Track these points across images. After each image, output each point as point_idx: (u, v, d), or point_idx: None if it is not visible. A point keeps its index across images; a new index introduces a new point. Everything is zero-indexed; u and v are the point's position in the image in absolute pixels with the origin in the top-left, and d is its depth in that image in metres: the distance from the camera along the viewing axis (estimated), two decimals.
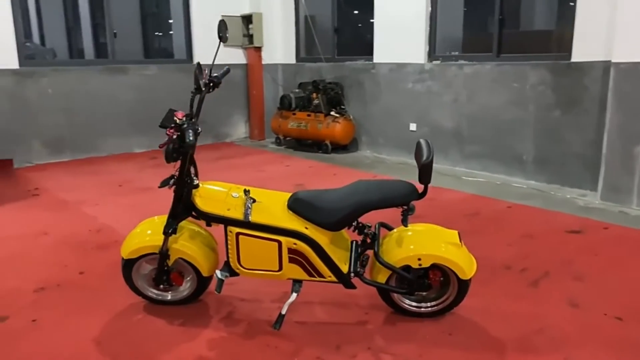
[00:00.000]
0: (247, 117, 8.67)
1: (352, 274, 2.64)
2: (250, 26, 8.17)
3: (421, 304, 2.76)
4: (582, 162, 5.19)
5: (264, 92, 8.45)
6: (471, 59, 6.13)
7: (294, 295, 2.63)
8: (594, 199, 4.93)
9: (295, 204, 2.57)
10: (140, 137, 7.43)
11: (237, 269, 2.64)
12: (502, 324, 2.72)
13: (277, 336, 2.61)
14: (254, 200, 2.59)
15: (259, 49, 8.28)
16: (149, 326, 2.71)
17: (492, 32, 5.93)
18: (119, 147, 7.34)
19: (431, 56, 6.49)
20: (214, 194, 2.62)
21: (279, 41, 8.41)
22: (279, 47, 8.44)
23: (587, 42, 4.99)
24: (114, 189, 5.52)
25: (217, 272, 2.66)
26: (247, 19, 8.20)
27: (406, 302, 2.75)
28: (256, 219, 2.53)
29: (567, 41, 5.19)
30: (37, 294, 3.08)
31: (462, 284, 2.64)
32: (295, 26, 8.40)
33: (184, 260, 2.74)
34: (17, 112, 6.50)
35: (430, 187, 2.61)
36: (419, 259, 2.56)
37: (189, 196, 2.61)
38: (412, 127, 6.78)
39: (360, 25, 7.95)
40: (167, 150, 2.40)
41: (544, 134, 5.46)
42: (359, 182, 2.68)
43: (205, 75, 2.65)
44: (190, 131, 2.33)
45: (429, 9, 6.37)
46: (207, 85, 2.64)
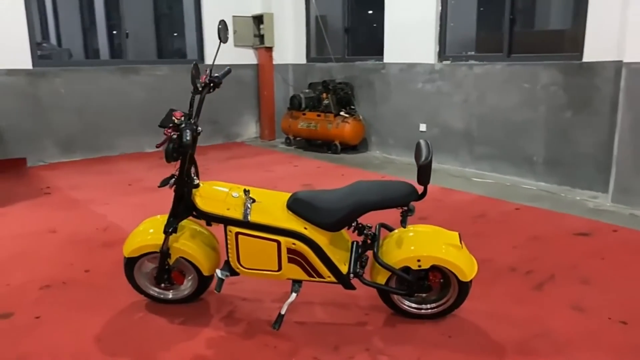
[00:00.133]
0: (258, 117, 8.70)
1: (352, 275, 2.64)
2: (261, 26, 8.19)
3: (421, 306, 2.74)
4: (593, 163, 5.11)
5: (274, 92, 8.47)
6: (482, 59, 6.08)
7: (294, 295, 2.63)
8: (605, 201, 4.85)
9: (294, 204, 2.57)
10: (151, 136, 7.47)
11: (237, 268, 2.65)
12: (504, 326, 2.69)
13: (276, 336, 2.61)
14: (254, 200, 2.60)
15: (269, 49, 8.31)
16: (149, 324, 2.73)
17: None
18: (130, 147, 7.41)
19: (441, 56, 6.45)
20: (214, 193, 2.63)
21: (289, 41, 8.43)
22: (290, 47, 8.46)
23: (599, 41, 4.92)
24: (123, 188, 5.57)
25: (218, 271, 2.68)
26: (259, 19, 8.22)
27: (406, 303, 2.73)
28: (255, 218, 2.54)
29: (580, 41, 5.13)
30: (42, 291, 3.13)
31: (462, 286, 2.62)
32: (306, 26, 8.41)
33: (184, 259, 2.76)
34: (31, 112, 6.60)
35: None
36: (419, 260, 2.54)
37: (189, 196, 2.62)
38: (422, 127, 6.74)
39: (371, 25, 7.92)
40: (166, 149, 2.41)
41: (555, 135, 5.39)
42: (359, 182, 2.67)
43: (206, 75, 2.66)
44: (187, 131, 2.34)
45: (439, 8, 6.33)
46: (207, 85, 2.65)
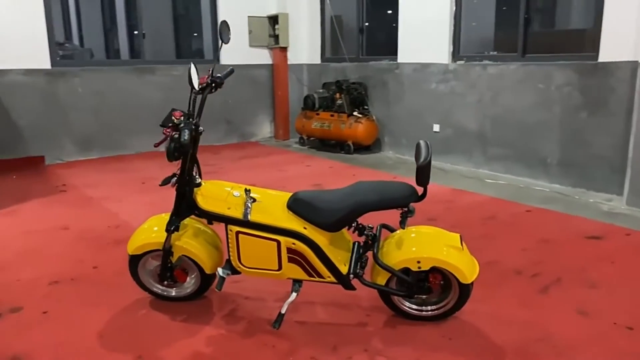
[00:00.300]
0: (272, 117, 8.73)
1: (352, 275, 2.64)
2: (276, 26, 8.22)
3: (422, 307, 2.73)
4: (608, 165, 5.02)
5: (289, 92, 8.50)
6: (496, 59, 6.02)
7: (294, 295, 2.64)
8: (620, 203, 4.76)
9: (294, 204, 2.58)
10: None
11: (238, 267, 2.67)
12: (505, 330, 2.66)
13: (275, 335, 2.62)
14: (254, 199, 2.61)
15: (284, 49, 8.34)
16: (152, 321, 2.77)
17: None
18: (146, 146, 7.49)
19: (455, 56, 6.40)
20: (216, 192, 2.66)
21: (304, 41, 8.46)
22: (305, 47, 8.48)
23: (614, 42, 4.83)
24: (137, 186, 5.65)
25: (219, 270, 2.70)
26: (274, 20, 8.26)
27: (406, 304, 2.72)
28: (255, 218, 2.56)
29: (595, 41, 5.04)
30: (51, 286, 3.19)
31: (463, 288, 2.60)
32: (320, 26, 8.42)
33: (187, 257, 2.79)
34: (49, 111, 6.74)
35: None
36: (418, 262, 2.53)
37: (191, 194, 2.65)
38: (436, 128, 6.70)
39: (385, 25, 7.89)
40: (168, 149, 2.44)
41: (569, 136, 5.30)
42: (359, 182, 2.67)
43: (208, 75, 2.68)
44: (186, 131, 2.36)
45: (454, 8, 6.28)
46: (209, 85, 2.67)
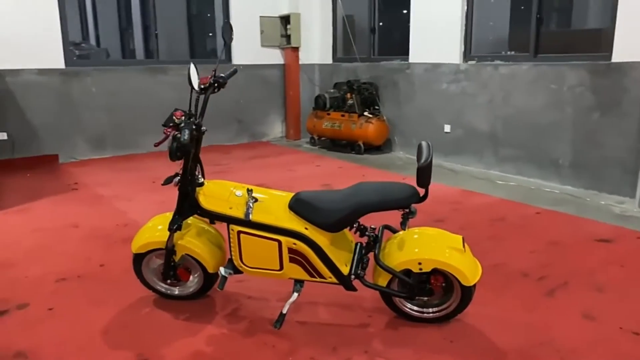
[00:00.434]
0: (284, 116, 8.75)
1: (353, 276, 2.63)
2: (288, 27, 8.24)
3: (424, 309, 2.71)
4: (621, 167, 4.93)
5: (300, 92, 8.50)
6: (507, 59, 5.96)
7: (295, 295, 2.64)
8: (632, 206, 4.68)
9: (295, 204, 2.58)
10: None
11: (240, 266, 2.67)
12: (508, 333, 2.63)
13: (276, 335, 2.62)
14: (256, 199, 2.62)
15: (296, 49, 8.34)
16: (155, 319, 2.79)
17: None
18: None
19: (467, 56, 6.35)
20: (218, 192, 2.67)
21: (316, 41, 8.45)
22: (316, 47, 8.48)
23: (628, 41, 4.75)
24: (147, 185, 5.70)
25: (221, 269, 2.71)
26: (286, 20, 8.27)
27: (408, 306, 2.71)
28: (256, 218, 2.56)
29: (609, 40, 4.96)
30: (58, 283, 3.23)
31: (465, 291, 2.57)
32: (332, 26, 8.41)
33: (190, 256, 2.81)
34: (63, 110, 6.83)
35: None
36: (420, 263, 2.51)
37: (193, 194, 2.66)
38: (447, 128, 6.65)
39: (397, 25, 7.86)
40: (170, 148, 2.45)
41: (582, 137, 5.23)
42: (361, 183, 2.66)
43: (211, 75, 2.69)
44: (186, 130, 2.37)
45: (465, 8, 6.23)
46: (212, 85, 2.68)
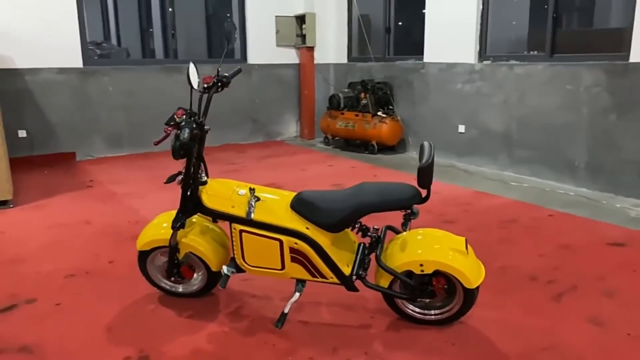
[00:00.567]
0: (299, 116, 8.76)
1: (355, 277, 2.62)
2: (303, 26, 8.24)
3: (426, 311, 2.68)
4: (637, 169, 4.82)
5: (315, 91, 8.50)
6: (523, 59, 5.87)
7: (297, 294, 2.65)
8: None
9: (297, 203, 2.58)
10: None
11: (242, 265, 2.68)
12: (512, 337, 2.60)
13: (277, 334, 2.63)
14: (258, 198, 2.62)
15: (311, 49, 8.34)
16: (158, 316, 2.82)
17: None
18: None
19: (482, 56, 6.27)
20: (220, 191, 2.68)
21: (331, 41, 8.45)
22: (332, 46, 8.47)
23: None
24: (160, 183, 5.66)
25: (224, 268, 2.72)
26: (301, 19, 8.28)
27: (410, 308, 2.69)
28: (258, 217, 2.57)
29: (627, 40, 4.85)
30: (67, 279, 3.29)
31: (468, 293, 2.54)
32: (348, 26, 8.39)
33: (194, 254, 2.82)
34: (81, 109, 6.94)
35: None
36: (421, 265, 2.49)
37: (196, 192, 2.68)
38: (461, 128, 6.58)
39: (414, 24, 7.81)
40: (173, 147, 2.47)
41: (598, 139, 5.13)
42: (363, 183, 2.65)
43: (214, 75, 2.70)
44: (186, 129, 2.39)
45: (481, 7, 6.16)
46: (215, 84, 2.69)
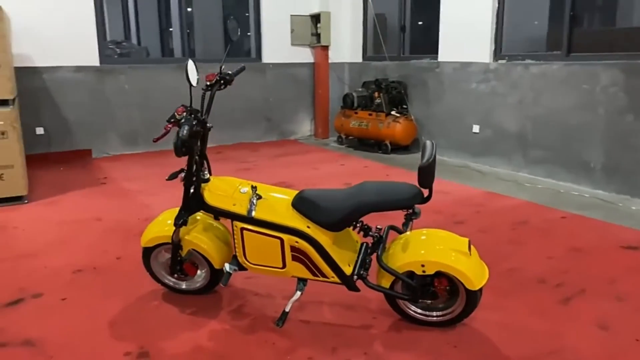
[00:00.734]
0: (313, 115, 8.75)
1: (356, 277, 2.59)
2: (318, 25, 8.23)
3: (428, 313, 2.65)
4: None
5: (329, 90, 8.48)
6: (538, 58, 5.77)
7: (298, 293, 2.64)
8: None
9: (298, 202, 2.57)
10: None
11: (244, 263, 2.68)
12: (516, 340, 2.55)
13: (277, 333, 2.62)
14: (260, 196, 2.62)
15: (326, 48, 8.32)
16: (161, 313, 2.83)
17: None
18: None
19: (497, 55, 6.19)
20: (222, 188, 2.68)
21: (346, 40, 8.43)
22: (346, 45, 8.45)
23: None
24: (173, 181, 5.77)
25: (226, 265, 2.73)
26: (316, 18, 8.27)
27: (412, 309, 2.66)
28: (259, 215, 2.56)
29: None
30: (74, 275, 3.33)
31: (470, 295, 2.50)
32: (363, 25, 8.36)
33: (197, 252, 2.83)
34: (97, 106, 7.03)
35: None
36: (423, 265, 2.46)
37: (198, 190, 2.69)
38: (475, 128, 6.50)
39: (428, 23, 7.75)
40: (175, 145, 2.48)
41: (615, 139, 5.01)
42: (365, 182, 2.62)
43: (217, 73, 2.70)
44: (185, 126, 2.39)
45: (496, 5, 6.07)
46: (218, 82, 2.70)
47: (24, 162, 4.98)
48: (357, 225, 2.61)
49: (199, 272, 2.94)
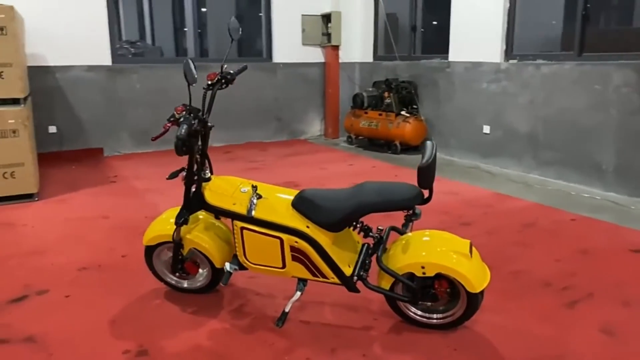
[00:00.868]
0: (323, 115, 8.73)
1: (356, 278, 2.58)
2: (329, 25, 8.21)
3: (429, 315, 2.62)
4: None
5: (339, 90, 8.46)
6: (550, 58, 5.70)
7: (298, 293, 2.63)
8: None
9: (298, 202, 2.56)
10: (218, 131, 7.67)
11: (244, 262, 2.68)
12: (518, 344, 2.51)
13: (276, 333, 2.62)
14: (260, 196, 2.61)
15: (336, 48, 8.30)
16: (162, 311, 2.84)
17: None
18: None
19: (508, 55, 6.12)
20: (223, 188, 2.68)
21: (357, 39, 8.40)
22: (357, 45, 8.43)
23: None
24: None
25: (227, 265, 2.73)
26: (327, 18, 8.25)
27: (412, 311, 2.63)
28: (258, 214, 2.56)
29: None
30: (79, 272, 3.36)
31: (471, 297, 2.47)
32: (374, 24, 8.32)
33: (198, 251, 2.84)
34: (109, 105, 7.10)
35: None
36: (423, 267, 2.44)
37: (199, 189, 2.69)
38: (486, 129, 6.44)
39: (439, 23, 7.69)
40: (175, 144, 2.48)
41: (627, 141, 4.92)
42: (366, 182, 2.61)
43: (218, 72, 2.70)
44: (184, 125, 2.39)
45: (507, 5, 6.00)
46: (219, 81, 2.70)
47: (34, 160, 5.04)
48: (358, 225, 2.59)
49: (200, 271, 2.95)
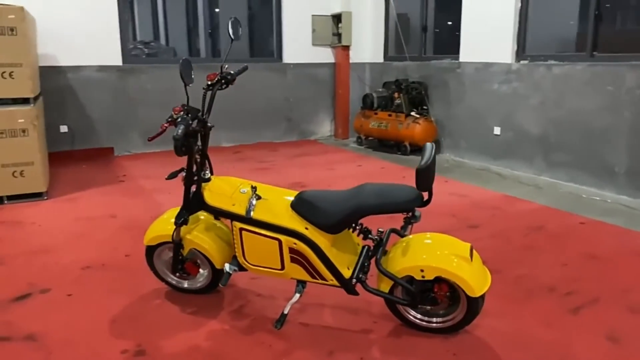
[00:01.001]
0: (333, 115, 8.71)
1: (355, 280, 2.55)
2: (339, 25, 8.19)
3: (429, 319, 2.59)
4: None
5: (349, 91, 8.43)
6: (562, 59, 5.61)
7: (297, 295, 2.62)
8: None
9: (297, 203, 2.54)
10: (228, 132, 7.78)
11: (244, 263, 2.68)
12: (519, 350, 2.47)
13: (275, 335, 2.60)
14: (259, 197, 2.60)
15: (346, 48, 8.28)
16: (163, 311, 2.85)
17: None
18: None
19: (519, 55, 6.04)
20: (223, 188, 2.68)
21: (367, 40, 8.37)
22: (368, 45, 8.39)
23: None
24: None
25: (226, 265, 2.72)
26: (337, 18, 8.23)
27: (412, 314, 2.60)
28: (257, 215, 2.54)
29: None
30: (82, 271, 3.38)
31: (471, 302, 2.43)
32: (384, 25, 8.28)
33: (198, 251, 2.83)
34: (120, 105, 7.15)
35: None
36: (422, 271, 2.41)
37: (199, 189, 2.69)
38: (496, 130, 6.36)
39: (451, 23, 7.64)
40: (175, 144, 2.48)
41: None
42: (365, 184, 2.59)
43: (218, 72, 2.70)
44: (181, 126, 2.39)
45: (519, 5, 5.93)
46: (219, 81, 2.69)
47: (44, 159, 5.09)
48: (357, 227, 2.57)
49: (200, 271, 2.95)
